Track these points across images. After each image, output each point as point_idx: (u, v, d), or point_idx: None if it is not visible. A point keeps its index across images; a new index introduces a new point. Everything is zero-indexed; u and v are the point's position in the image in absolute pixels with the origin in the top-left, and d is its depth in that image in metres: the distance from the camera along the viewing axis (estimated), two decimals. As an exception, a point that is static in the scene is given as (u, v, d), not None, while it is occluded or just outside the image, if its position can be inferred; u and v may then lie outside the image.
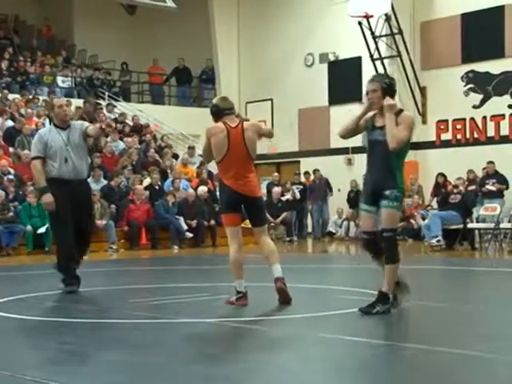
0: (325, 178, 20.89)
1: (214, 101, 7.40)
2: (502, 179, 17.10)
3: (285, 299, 7.01)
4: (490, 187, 16.92)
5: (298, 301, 7.52)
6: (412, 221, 18.75)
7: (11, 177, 16.20)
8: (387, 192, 6.26)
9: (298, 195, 20.18)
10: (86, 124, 8.55)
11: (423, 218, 17.74)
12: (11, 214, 15.34)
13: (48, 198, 7.97)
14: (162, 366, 4.60)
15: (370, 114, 6.50)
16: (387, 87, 6.37)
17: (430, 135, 20.59)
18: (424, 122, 20.71)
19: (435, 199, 18.11)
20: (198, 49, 24.48)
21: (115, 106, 22.03)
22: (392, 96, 6.37)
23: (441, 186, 18.09)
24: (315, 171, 21.01)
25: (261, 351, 5.13)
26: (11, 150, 17.73)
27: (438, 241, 15.24)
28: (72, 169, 8.08)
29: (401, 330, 6.02)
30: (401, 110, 6.40)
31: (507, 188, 17.11)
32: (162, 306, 7.30)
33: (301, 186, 20.59)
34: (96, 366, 4.67)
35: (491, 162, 17.30)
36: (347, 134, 6.67)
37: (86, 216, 8.22)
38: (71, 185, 8.02)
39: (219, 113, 7.19)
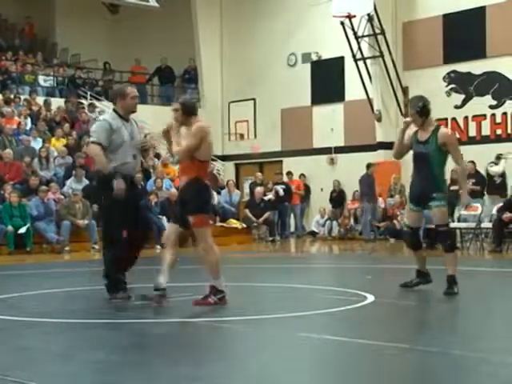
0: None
1: (188, 99, 7.38)
2: (481, 179, 17.17)
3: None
4: (470, 187, 16.98)
5: (280, 300, 7.54)
6: (394, 221, 18.81)
7: (-8, 176, 16.14)
8: (434, 194, 7.58)
9: (281, 192, 20.21)
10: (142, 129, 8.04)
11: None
12: (-8, 213, 15.26)
13: (121, 183, 7.21)
14: (145, 366, 4.60)
15: (413, 130, 7.74)
16: (420, 110, 7.64)
17: (412, 135, 20.65)
18: (406, 122, 20.78)
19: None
20: (180, 48, 24.45)
21: (96, 107, 21.94)
22: (427, 116, 7.65)
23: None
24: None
25: (242, 351, 5.15)
26: (-8, 149, 17.63)
27: (419, 241, 15.29)
28: (134, 165, 7.52)
29: (382, 329, 6.05)
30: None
31: (483, 189, 17.14)
32: (144, 306, 7.28)
33: (284, 186, 20.61)
34: (79, 366, 4.66)
35: (471, 162, 17.39)
36: (401, 155, 8.05)
37: (141, 215, 7.75)
38: (129, 182, 7.42)
39: (194, 111, 7.13)
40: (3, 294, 7.96)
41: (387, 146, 20.56)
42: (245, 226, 19.20)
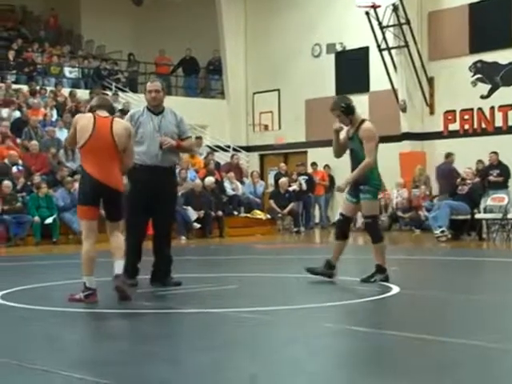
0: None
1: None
2: (505, 170, 17.00)
3: (122, 297, 6.64)
4: (492, 178, 16.84)
5: (305, 291, 7.54)
6: (419, 212, 18.73)
7: (20, 168, 16.25)
8: (362, 187, 7.78)
9: (304, 186, 20.18)
10: (185, 126, 7.82)
11: (428, 210, 17.68)
12: (19, 204, 15.39)
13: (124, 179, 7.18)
14: (169, 355, 4.62)
15: (345, 129, 8.01)
16: (344, 109, 7.83)
17: (437, 126, 20.53)
18: (431, 112, 20.65)
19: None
20: (205, 39, 24.45)
21: (118, 95, 21.98)
22: (352, 113, 7.87)
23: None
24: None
25: (267, 341, 5.15)
26: (19, 140, 17.76)
27: (443, 231, 15.21)
28: (155, 155, 7.48)
29: (407, 320, 6.03)
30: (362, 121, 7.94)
31: (507, 180, 16.95)
32: (169, 296, 7.32)
33: (306, 177, 20.58)
34: (102, 355, 4.69)
35: (494, 153, 17.23)
36: (339, 154, 8.27)
37: (167, 206, 7.73)
38: (154, 172, 7.45)
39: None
40: (30, 283, 8.03)
41: (412, 136, 20.49)
42: (269, 216, 19.20)
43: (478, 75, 19.82)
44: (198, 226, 17.37)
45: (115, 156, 6.74)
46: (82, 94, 21.40)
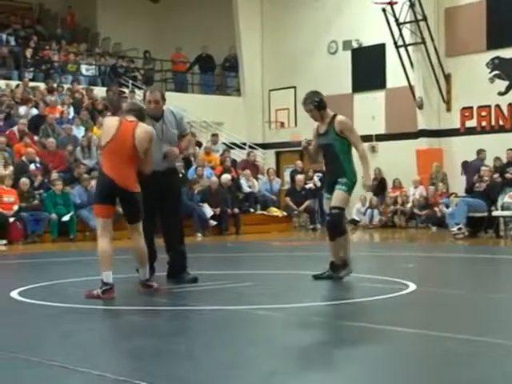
0: None
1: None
2: (522, 167, 16.90)
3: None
4: (509, 175, 16.75)
5: (321, 289, 7.54)
6: (436, 208, 18.67)
7: (38, 165, 16.34)
8: (339, 179, 7.75)
9: (318, 183, 20.16)
10: (184, 125, 7.97)
11: (446, 207, 17.63)
12: (36, 201, 15.48)
13: None
14: (186, 353, 4.64)
15: (315, 125, 8.04)
16: (317, 104, 7.89)
17: (454, 122, 20.45)
18: (448, 109, 20.57)
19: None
20: (221, 36, 24.45)
21: (135, 93, 22.05)
22: (324, 109, 7.90)
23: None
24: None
25: (283, 339, 5.16)
26: (36, 138, 17.85)
27: (460, 229, 15.15)
28: (159, 162, 7.49)
29: (424, 317, 6.02)
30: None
31: None
32: (185, 293, 7.34)
33: (322, 175, 20.54)
34: (121, 352, 4.72)
35: (511, 150, 17.13)
36: (315, 161, 8.31)
37: (172, 204, 7.83)
38: (157, 176, 7.43)
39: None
40: (47, 280, 8.08)
41: (429, 133, 20.42)
42: (285, 214, 19.20)
43: (496, 72, 19.71)
44: (214, 223, 17.40)
45: (133, 159, 6.86)
46: (99, 91, 21.48)
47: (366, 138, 21.72)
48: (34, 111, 18.99)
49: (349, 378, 4.12)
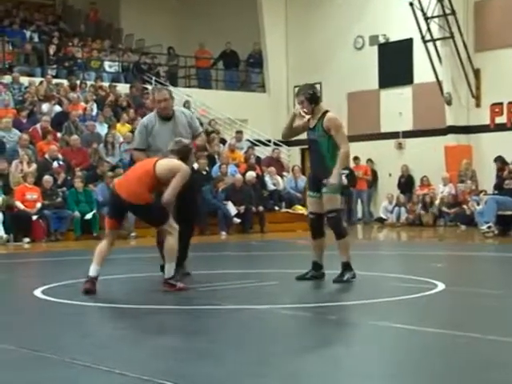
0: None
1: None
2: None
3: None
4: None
5: (348, 288, 7.51)
6: (465, 206, 18.54)
7: (61, 163, 16.44)
8: (325, 181, 7.69)
9: (345, 181, 20.07)
10: (196, 124, 8.17)
11: (477, 204, 17.49)
12: (59, 199, 15.58)
13: None
14: (210, 352, 4.64)
15: (306, 118, 7.85)
16: (310, 97, 7.75)
17: (483, 119, 20.28)
18: (478, 105, 20.40)
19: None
20: (245, 32, 24.44)
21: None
22: (317, 103, 7.77)
23: (498, 171, 17.66)
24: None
25: (309, 339, 5.14)
26: (59, 135, 17.96)
27: (489, 227, 15.03)
28: None
29: (452, 318, 5.97)
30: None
31: None
32: (210, 292, 7.35)
33: (348, 171, 20.46)
34: (144, 351, 4.72)
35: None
36: (287, 136, 8.41)
37: (187, 203, 7.89)
38: None
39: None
40: (70, 279, 8.12)
41: (457, 129, 20.28)
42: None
43: (526, 67, 19.52)
44: (238, 221, 17.40)
45: (146, 181, 6.98)
46: (122, 88, 21.56)
47: (393, 135, 21.69)
48: (57, 108, 19.11)
49: (376, 378, 4.10)
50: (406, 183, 20.87)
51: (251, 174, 18.28)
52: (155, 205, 7.06)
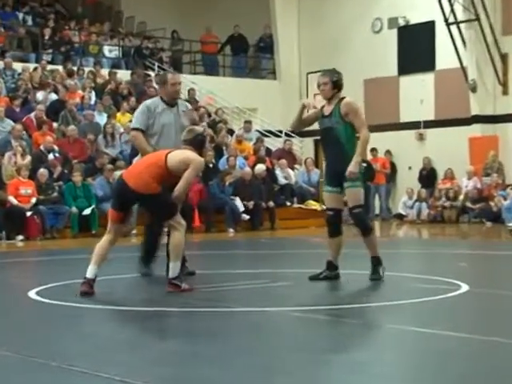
0: None
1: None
2: None
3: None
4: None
5: (365, 289, 7.51)
6: (491, 202, 18.50)
7: (57, 155, 16.46)
8: (346, 174, 7.60)
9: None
10: (189, 107, 8.62)
11: (504, 199, 17.47)
12: (55, 194, 15.61)
13: None
14: (216, 357, 4.65)
15: (319, 105, 7.92)
16: (336, 81, 7.76)
17: (511, 107, 20.23)
18: (505, 92, 20.34)
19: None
20: (254, 15, 24.41)
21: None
22: (339, 89, 7.78)
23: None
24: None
25: (323, 343, 5.14)
26: (55, 125, 17.99)
27: (517, 224, 15.03)
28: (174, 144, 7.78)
29: (476, 321, 5.97)
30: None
31: None
32: (217, 293, 7.36)
33: (365, 164, 20.44)
34: (147, 356, 4.73)
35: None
36: (297, 127, 8.26)
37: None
38: None
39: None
40: (67, 279, 8.13)
41: (483, 119, 20.22)
42: (324, 207, 19.15)
43: (558, 51, 19.46)
44: (247, 217, 17.41)
45: (154, 170, 7.01)
46: (123, 74, 21.58)
47: (414, 125, 21.64)
48: (53, 96, 19.14)
49: (395, 386, 4.10)
50: (428, 177, 20.82)
51: (261, 167, 18.28)
52: (164, 197, 7.07)
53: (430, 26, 21.26)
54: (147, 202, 7.13)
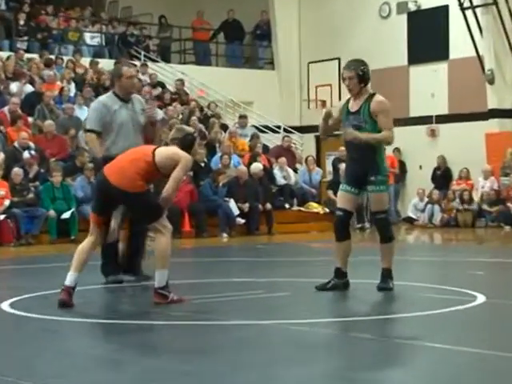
0: None
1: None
2: None
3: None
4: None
5: (372, 300, 7.51)
6: (509, 204, 18.52)
7: (33, 152, 16.42)
8: (372, 178, 7.70)
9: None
10: (143, 103, 8.76)
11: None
12: (31, 195, 15.57)
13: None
14: (206, 374, 4.64)
15: (343, 100, 7.95)
16: (362, 75, 7.70)
17: (532, 100, 20.29)
18: (525, 83, 20.40)
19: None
20: (250, -1, 24.50)
21: (147, 66, 22.11)
22: (366, 83, 7.76)
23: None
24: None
25: (326, 360, 5.13)
26: (30, 120, 17.97)
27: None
28: (124, 147, 7.91)
29: (492, 336, 5.96)
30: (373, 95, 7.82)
31: None
32: (209, 304, 7.35)
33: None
34: (130, 374, 4.72)
35: None
36: (325, 134, 8.16)
37: None
38: None
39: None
40: (43, 290, 8.13)
41: (501, 113, 20.25)
42: (327, 210, 19.12)
43: None
44: (242, 221, 17.42)
45: (141, 165, 7.04)
46: (105, 64, 21.57)
47: (425, 120, 21.67)
48: (29, 88, 19.13)
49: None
50: (444, 177, 20.80)
51: (257, 166, 18.29)
52: (150, 196, 7.12)
53: (443, 10, 21.31)
54: (130, 202, 7.10)
